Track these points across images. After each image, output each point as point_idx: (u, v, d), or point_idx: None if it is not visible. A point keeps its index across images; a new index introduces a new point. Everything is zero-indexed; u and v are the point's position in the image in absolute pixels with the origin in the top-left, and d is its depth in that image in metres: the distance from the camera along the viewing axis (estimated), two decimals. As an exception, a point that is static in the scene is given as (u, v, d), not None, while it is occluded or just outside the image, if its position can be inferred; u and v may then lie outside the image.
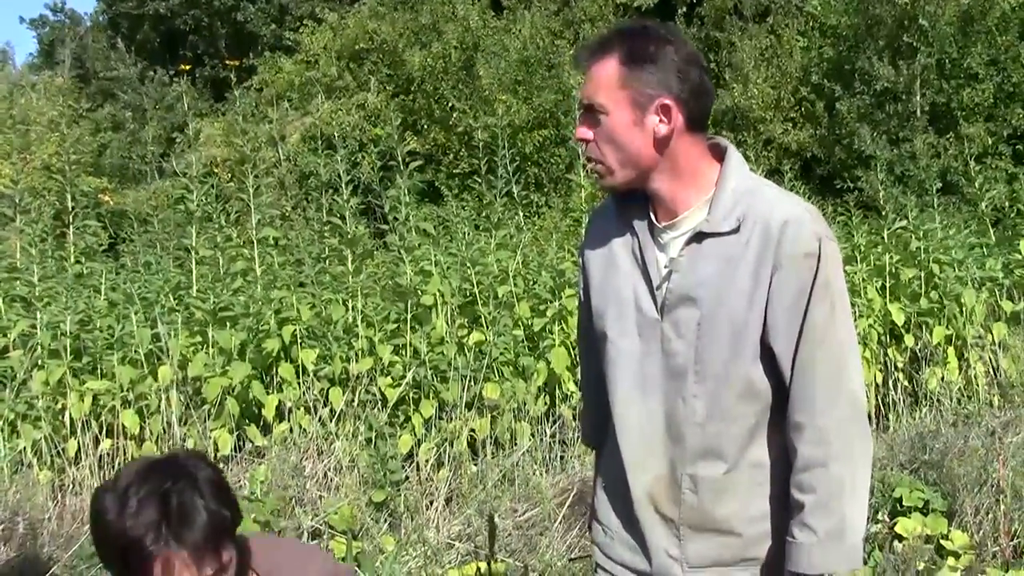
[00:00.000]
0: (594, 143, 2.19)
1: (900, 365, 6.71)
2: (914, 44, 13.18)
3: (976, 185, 8.72)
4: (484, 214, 7.82)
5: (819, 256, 2.12)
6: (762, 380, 2.19)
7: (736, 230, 2.13)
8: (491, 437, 5.74)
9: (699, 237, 2.16)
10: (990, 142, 12.80)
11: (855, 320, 6.58)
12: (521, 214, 7.78)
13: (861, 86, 13.44)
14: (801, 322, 2.13)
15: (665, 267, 2.22)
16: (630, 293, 2.26)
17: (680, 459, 2.24)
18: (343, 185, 6.65)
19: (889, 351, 6.74)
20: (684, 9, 17.09)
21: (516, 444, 5.73)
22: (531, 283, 6.59)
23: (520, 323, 6.28)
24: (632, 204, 2.28)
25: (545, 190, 13.72)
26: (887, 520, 4.79)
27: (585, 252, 2.41)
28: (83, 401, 5.53)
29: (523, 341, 6.22)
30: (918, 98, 13.01)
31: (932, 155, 12.58)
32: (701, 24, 16.00)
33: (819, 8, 14.82)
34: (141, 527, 2.05)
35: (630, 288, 2.26)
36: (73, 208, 6.82)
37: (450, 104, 15.66)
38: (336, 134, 7.60)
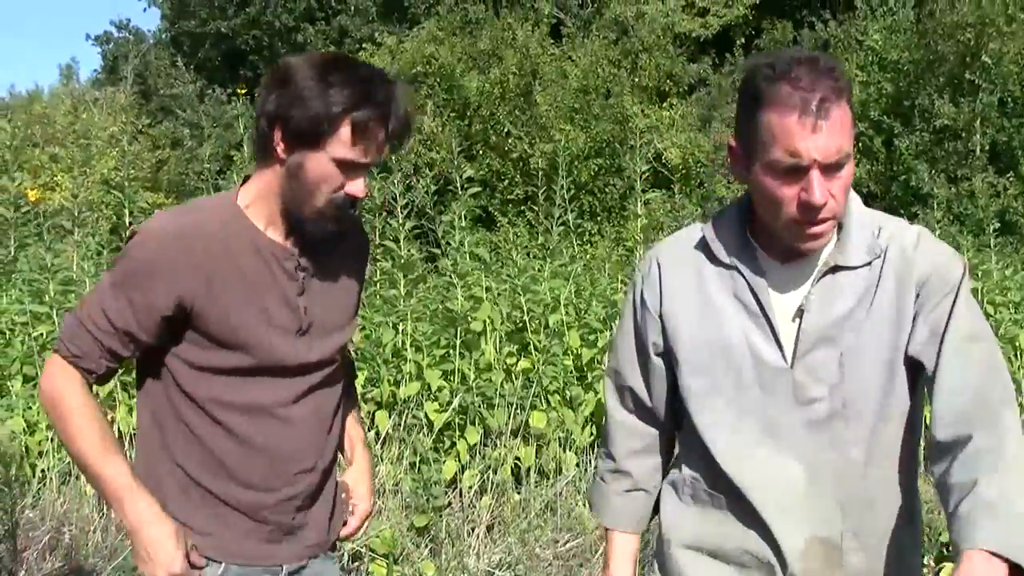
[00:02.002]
0: (834, 201, 1.91)
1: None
2: (976, 81, 13.06)
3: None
4: (539, 241, 7.82)
5: (954, 263, 2.03)
6: (915, 409, 2.06)
7: (869, 263, 2.02)
8: (535, 466, 5.71)
9: (833, 271, 2.02)
10: (1050, 182, 12.63)
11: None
12: (575, 242, 7.77)
13: (920, 123, 13.33)
14: (946, 323, 1.97)
15: (798, 308, 2.04)
16: (742, 342, 2.06)
17: (837, 516, 2.04)
18: (397, 208, 6.69)
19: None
20: (742, 40, 17.06)
21: (561, 474, 5.70)
22: (582, 312, 6.57)
23: (569, 352, 6.26)
24: (719, 244, 2.12)
25: (599, 219, 13.71)
26: (932, 565, 4.72)
27: (663, 298, 2.18)
28: (131, 415, 5.57)
29: (572, 371, 6.19)
30: (978, 136, 12.88)
31: (991, 195, 12.42)
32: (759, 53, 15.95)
33: (879, 43, 14.74)
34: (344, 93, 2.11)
35: (741, 337, 2.06)
36: (130, 223, 6.89)
37: (506, 130, 15.71)
38: (392, 157, 7.63)
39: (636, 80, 16.25)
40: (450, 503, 5.39)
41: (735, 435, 2.08)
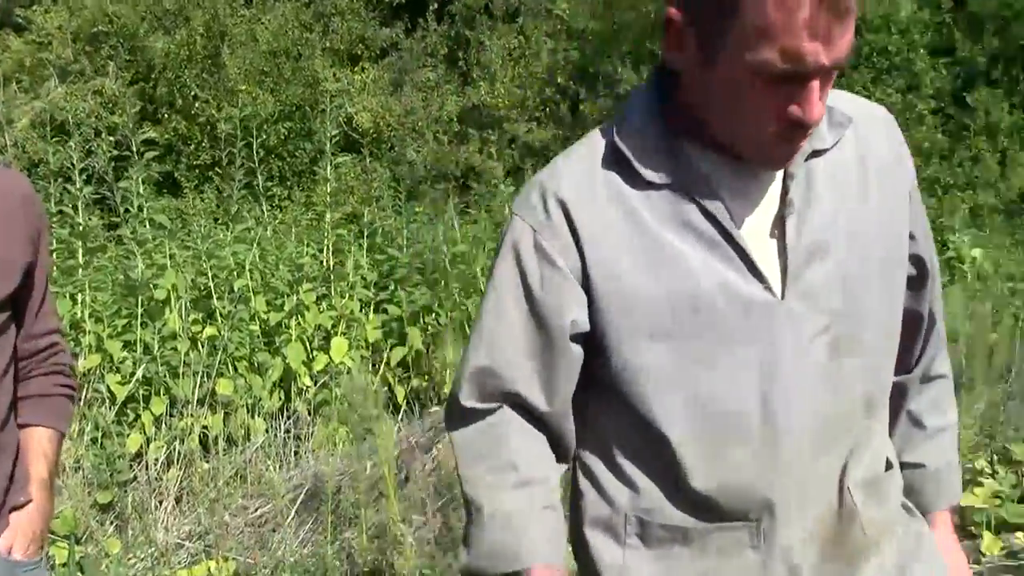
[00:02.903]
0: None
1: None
2: (655, 51, 13.66)
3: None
4: (223, 207, 7.67)
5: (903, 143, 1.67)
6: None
7: (838, 140, 1.58)
8: (224, 434, 5.63)
9: (808, 158, 1.55)
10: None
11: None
12: (264, 207, 7.67)
13: (605, 89, 13.84)
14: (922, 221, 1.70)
15: (775, 217, 1.54)
16: (711, 284, 1.50)
17: (838, 476, 1.59)
18: (76, 174, 6.40)
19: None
20: (435, 5, 17.19)
21: (250, 440, 5.64)
22: (268, 277, 6.50)
23: (256, 318, 6.19)
24: (642, 155, 1.54)
25: (289, 184, 13.56)
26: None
27: (583, 250, 1.54)
28: None
29: (259, 336, 6.13)
30: (656, 102, 13.53)
31: (671, 155, 13.13)
32: (452, 22, 16.12)
33: (567, 12, 15.20)
34: None
35: (709, 277, 1.50)
36: None
37: (193, 94, 15.25)
38: (70, 120, 7.28)
39: (328, 43, 16.11)
40: (135, 477, 5.24)
41: (712, 421, 1.53)
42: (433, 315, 6.70)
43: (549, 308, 1.57)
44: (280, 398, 5.95)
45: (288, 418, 5.86)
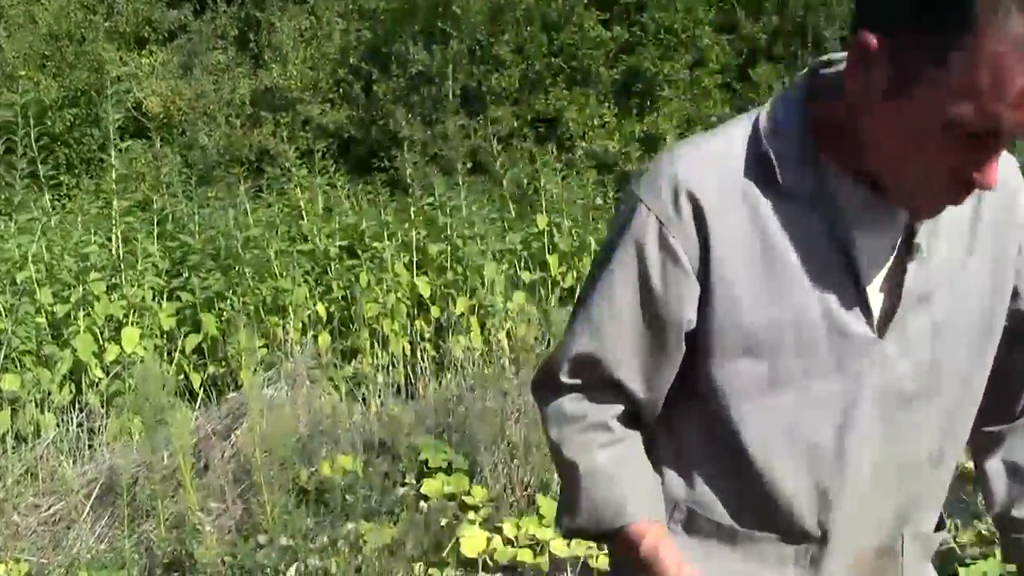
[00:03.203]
0: None
1: (427, 336, 7.06)
2: (447, 30, 13.74)
3: (499, 164, 9.29)
4: (4, 197, 7.41)
5: None
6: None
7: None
8: (12, 431, 5.46)
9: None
10: (516, 124, 13.61)
11: (384, 296, 6.87)
12: (48, 196, 7.43)
13: (397, 69, 13.85)
14: None
15: (895, 255, 1.52)
16: (817, 313, 1.50)
17: (899, 520, 1.63)
18: None
19: (416, 322, 7.07)
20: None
21: (40, 436, 5.49)
22: (54, 268, 6.32)
23: (42, 310, 6.01)
24: (785, 162, 1.49)
25: (76, 171, 13.09)
26: (414, 483, 5.04)
27: (711, 254, 1.50)
28: None
29: (46, 328, 5.96)
30: (450, 82, 13.58)
31: (463, 136, 13.20)
32: (242, 3, 15.83)
33: (357, -9, 15.15)
34: None
35: (817, 305, 1.50)
36: None
37: (-32, 80, 14.58)
38: None
39: (113, 26, 15.60)
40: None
41: (791, 444, 1.55)
42: (227, 301, 6.63)
43: (668, 304, 1.54)
44: (71, 391, 5.80)
45: (80, 411, 5.72)
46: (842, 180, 1.47)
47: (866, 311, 1.50)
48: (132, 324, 6.24)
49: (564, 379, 1.64)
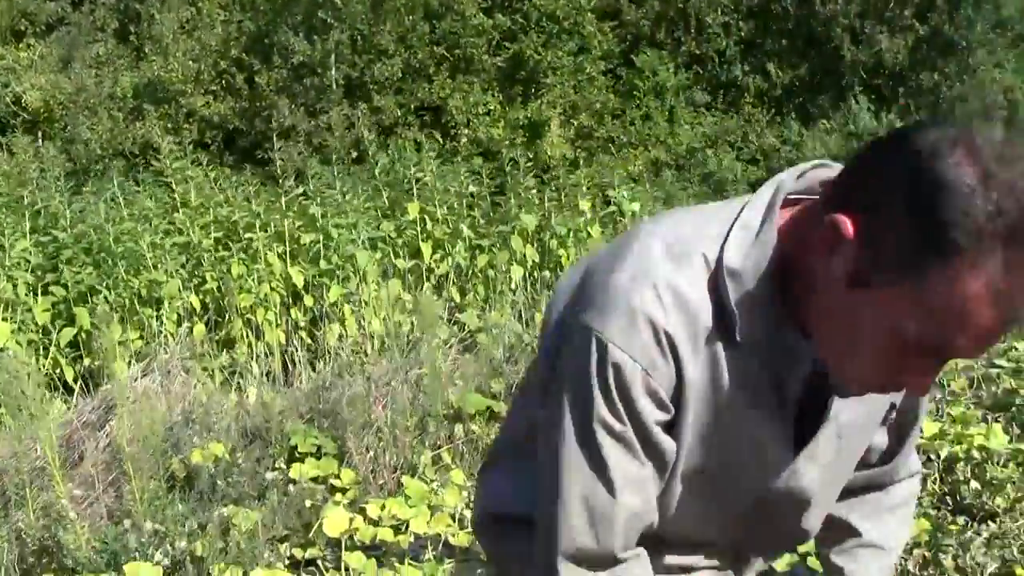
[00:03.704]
0: None
1: (302, 324, 7.20)
2: (328, 20, 13.79)
3: (372, 154, 9.49)
4: None
5: None
6: None
7: None
8: None
9: None
10: (400, 113, 13.73)
11: (257, 286, 6.99)
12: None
13: (279, 60, 13.87)
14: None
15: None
16: (750, 455, 1.56)
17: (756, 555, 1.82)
18: None
19: (291, 312, 7.20)
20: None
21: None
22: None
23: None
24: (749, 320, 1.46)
25: (-48, 168, 12.96)
26: (284, 467, 5.17)
27: (680, 400, 1.48)
28: None
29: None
30: (333, 72, 13.65)
31: (347, 126, 13.31)
32: (121, -7, 15.67)
33: (239, -18, 15.09)
34: None
35: (751, 449, 1.55)
36: None
37: None
38: None
39: (-10, 19, 15.38)
40: None
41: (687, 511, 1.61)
42: (101, 295, 6.70)
43: (667, 450, 1.51)
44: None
45: None
46: (791, 330, 1.46)
47: (794, 444, 1.56)
48: (3, 319, 6.28)
49: (620, 555, 1.55)
